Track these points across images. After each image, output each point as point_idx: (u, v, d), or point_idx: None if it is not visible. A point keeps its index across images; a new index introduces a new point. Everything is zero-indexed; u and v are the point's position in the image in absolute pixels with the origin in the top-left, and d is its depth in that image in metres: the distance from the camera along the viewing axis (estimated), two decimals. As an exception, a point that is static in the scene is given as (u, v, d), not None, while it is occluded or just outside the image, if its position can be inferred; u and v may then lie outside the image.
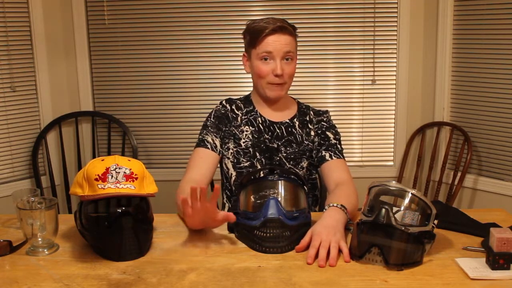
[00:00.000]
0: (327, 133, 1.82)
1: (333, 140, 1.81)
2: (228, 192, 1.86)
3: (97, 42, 2.87)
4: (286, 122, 1.81)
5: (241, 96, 1.89)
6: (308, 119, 1.84)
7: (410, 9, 2.79)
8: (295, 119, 1.82)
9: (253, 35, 1.72)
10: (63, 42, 2.85)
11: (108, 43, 2.87)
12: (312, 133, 1.82)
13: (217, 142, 1.77)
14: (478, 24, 2.61)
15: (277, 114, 1.82)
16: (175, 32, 2.84)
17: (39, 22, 2.74)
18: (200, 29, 2.83)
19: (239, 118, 1.81)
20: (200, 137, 1.79)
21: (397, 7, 2.79)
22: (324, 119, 1.84)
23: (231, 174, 1.81)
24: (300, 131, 1.81)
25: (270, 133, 1.80)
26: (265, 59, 1.71)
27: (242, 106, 1.83)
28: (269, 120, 1.80)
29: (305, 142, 1.81)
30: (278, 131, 1.80)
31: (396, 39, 2.82)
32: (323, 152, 1.78)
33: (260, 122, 1.80)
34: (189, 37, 2.84)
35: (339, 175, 1.71)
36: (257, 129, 1.79)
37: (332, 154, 1.76)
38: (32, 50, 2.74)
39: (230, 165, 1.81)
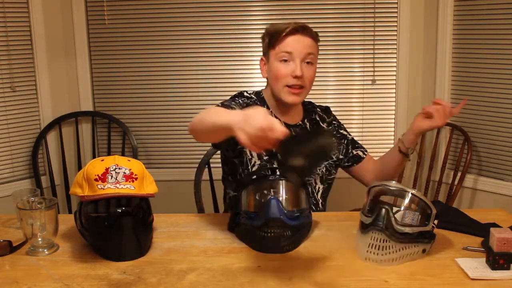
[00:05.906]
0: (341, 131, 1.84)
1: (349, 136, 1.84)
2: None
3: (97, 42, 2.87)
4: (299, 124, 1.78)
5: (252, 92, 1.77)
6: (317, 118, 1.82)
7: (410, 9, 2.78)
8: (305, 120, 1.80)
9: (273, 36, 1.65)
10: (63, 42, 2.85)
11: (108, 43, 2.87)
12: None
13: None
14: (478, 24, 2.61)
15: (288, 116, 1.76)
16: (175, 32, 2.84)
17: (39, 22, 2.74)
18: (200, 29, 2.83)
19: None
20: (226, 103, 1.60)
21: (397, 7, 2.79)
22: (332, 117, 1.86)
23: (254, 162, 1.68)
24: None
25: None
26: (285, 60, 1.64)
27: (258, 104, 1.72)
28: (284, 123, 1.72)
29: None
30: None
31: (396, 39, 2.82)
32: (354, 151, 1.81)
33: None
34: (189, 37, 2.84)
35: (375, 161, 1.84)
36: None
37: (363, 151, 1.82)
38: (32, 50, 2.74)
39: (254, 153, 1.68)
